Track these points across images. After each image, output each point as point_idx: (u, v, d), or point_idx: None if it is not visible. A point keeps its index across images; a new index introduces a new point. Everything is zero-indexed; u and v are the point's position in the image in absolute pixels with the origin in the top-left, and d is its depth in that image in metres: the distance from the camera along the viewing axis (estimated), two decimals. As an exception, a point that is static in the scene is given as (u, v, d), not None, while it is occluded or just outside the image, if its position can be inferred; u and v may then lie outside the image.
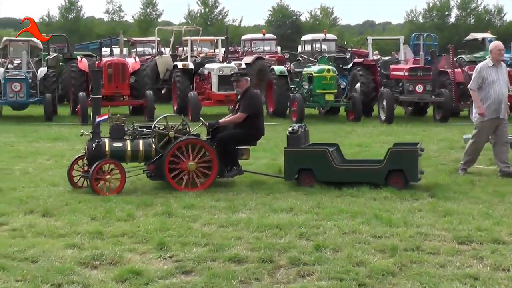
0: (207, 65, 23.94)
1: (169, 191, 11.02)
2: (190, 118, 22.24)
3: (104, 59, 24.07)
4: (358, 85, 24.57)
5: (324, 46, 38.03)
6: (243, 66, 25.10)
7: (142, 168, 11.56)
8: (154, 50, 33.84)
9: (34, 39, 27.69)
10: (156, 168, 11.23)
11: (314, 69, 22.88)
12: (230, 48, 31.65)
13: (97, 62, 24.97)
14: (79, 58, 25.74)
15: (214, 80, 22.80)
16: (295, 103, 22.19)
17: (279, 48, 40.81)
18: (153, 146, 11.23)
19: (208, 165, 11.30)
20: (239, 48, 39.97)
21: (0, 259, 7.54)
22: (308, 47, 38.36)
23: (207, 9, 79.68)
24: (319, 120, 23.13)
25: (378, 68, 24.46)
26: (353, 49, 33.91)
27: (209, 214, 9.53)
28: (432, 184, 11.52)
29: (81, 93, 22.59)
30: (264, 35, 39.39)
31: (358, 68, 24.48)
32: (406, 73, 22.57)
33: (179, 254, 7.64)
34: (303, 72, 23.50)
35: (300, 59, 26.49)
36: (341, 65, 25.22)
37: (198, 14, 79.98)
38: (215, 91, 22.77)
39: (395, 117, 22.15)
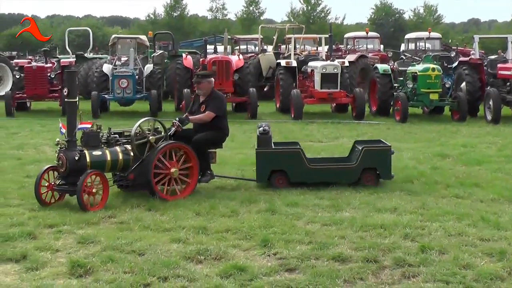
0: (310, 63, 23.89)
1: (272, 189, 11.06)
2: (292, 115, 22.27)
3: (209, 57, 24.35)
4: (463, 84, 24.03)
5: (428, 45, 37.45)
6: (346, 64, 24.91)
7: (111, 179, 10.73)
8: (257, 48, 34.04)
9: (141, 36, 28.37)
10: (137, 177, 10.46)
11: (418, 67, 22.51)
12: (333, 46, 31.49)
13: (201, 59, 25.30)
14: (184, 55, 26.13)
15: (317, 78, 22.72)
16: (399, 102, 21.91)
17: (382, 46, 40.39)
18: (132, 153, 10.40)
19: (186, 172, 10.73)
20: (341, 46, 39.78)
21: (109, 251, 7.76)
22: (411, 46, 37.84)
23: (309, 7, 79.56)
24: (422, 119, 22.75)
25: (484, 67, 23.85)
26: (458, 48, 33.22)
27: (312, 212, 9.53)
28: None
29: (185, 90, 22.91)
30: (367, 33, 39.10)
31: (464, 67, 23.93)
32: (515, 72, 21.90)
33: (283, 251, 7.66)
34: (407, 71, 23.15)
35: (404, 57, 26.15)
36: (446, 64, 24.70)
37: (301, 12, 79.95)
38: (318, 89, 22.69)
39: (502, 118, 21.57)
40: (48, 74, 25.29)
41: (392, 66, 24.89)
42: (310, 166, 11.34)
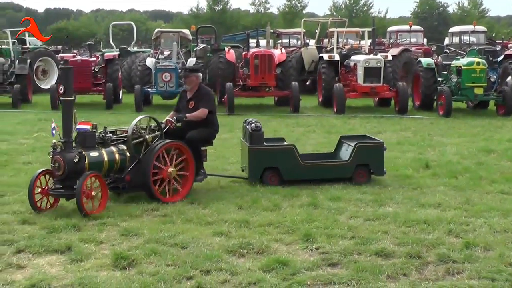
0: (353, 57, 23.76)
1: (314, 183, 11.04)
2: (335, 109, 22.19)
3: (251, 50, 24.35)
4: (509, 78, 23.73)
5: (472, 38, 36.95)
6: (390, 58, 24.72)
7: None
8: (299, 42, 33.95)
9: (184, 30, 28.47)
10: (134, 178, 9.93)
11: (463, 61, 22.24)
12: (375, 40, 31.26)
13: (244, 53, 25.32)
14: (226, 49, 26.18)
15: (360, 72, 22.60)
16: (443, 96, 21.68)
17: (425, 40, 40.00)
18: (128, 153, 9.89)
19: (181, 172, 10.29)
20: (384, 40, 39.50)
21: (152, 243, 7.82)
22: (456, 39, 37.40)
23: (352, 1, 79.27)
24: (467, 114, 22.50)
25: (531, 61, 23.50)
26: (503, 42, 32.75)
27: (355, 207, 9.49)
28: None
29: (228, 84, 22.95)
30: (410, 26, 38.75)
31: (510, 61, 23.65)
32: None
33: (325, 246, 7.64)
34: (451, 65, 22.89)
35: (448, 51, 25.85)
36: (491, 58, 24.38)
37: (343, 6, 79.76)
38: (360, 83, 22.57)
39: (549, 112, 21.22)
40: (92, 68, 25.52)
41: (435, 60, 24.65)
42: (304, 163, 11.15)
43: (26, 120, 20.96)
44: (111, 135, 10.06)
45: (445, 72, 23.28)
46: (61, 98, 9.14)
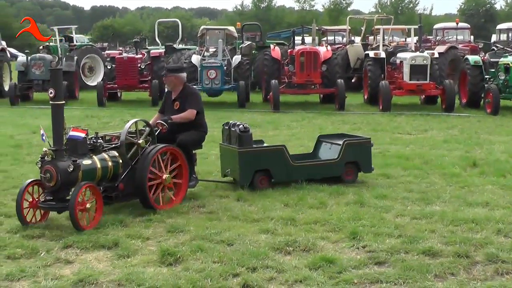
0: (399, 54, 23.57)
1: (361, 182, 10.98)
2: (381, 107, 22.03)
3: (297, 48, 24.30)
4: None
5: (521, 35, 36.39)
6: (436, 55, 24.45)
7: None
8: (344, 39, 33.81)
9: (230, 27, 28.52)
10: (127, 186, 9.24)
11: (511, 59, 21.93)
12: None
13: (289, 50, 25.29)
14: (272, 46, 26.17)
15: (406, 70, 22.39)
16: (490, 94, 21.38)
17: (472, 37, 39.51)
18: (121, 160, 9.21)
19: (175, 179, 9.69)
20: (430, 37, 39.13)
21: (198, 240, 7.85)
22: (503, 37, 36.81)
23: (398, -2, 78.68)
24: (515, 112, 22.18)
25: None
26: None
27: (401, 205, 9.41)
28: None
29: (273, 81, 22.94)
30: (457, 24, 38.31)
31: (560, 58, 23.16)
32: None
33: (372, 244, 7.59)
34: (499, 62, 22.55)
35: (495, 48, 25.49)
36: (540, 55, 23.99)
37: (388, 3, 79.17)
38: (407, 81, 22.37)
39: None
40: (139, 65, 25.76)
41: (483, 58, 24.32)
42: (294, 164, 10.83)
43: (73, 116, 21.17)
44: (102, 141, 9.31)
45: (493, 70, 22.95)
46: (50, 101, 8.53)
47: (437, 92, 22.73)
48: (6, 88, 27.86)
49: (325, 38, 36.33)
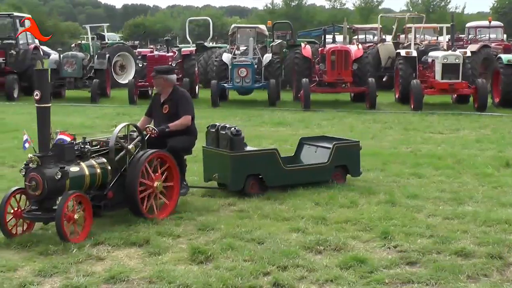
0: (431, 53, 23.41)
1: (392, 180, 10.92)
2: (412, 106, 21.89)
3: (328, 46, 24.24)
4: None
5: (555, 34, 36.01)
6: (468, 54, 24.25)
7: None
8: (375, 38, 33.66)
9: (260, 26, 28.51)
10: (117, 194, 8.62)
11: (544, 58, 21.70)
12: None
13: (320, 49, 25.23)
14: (302, 44, 26.11)
15: (438, 68, 22.23)
16: (524, 93, 21.18)
17: (505, 36, 39.11)
18: (109, 166, 8.55)
19: (166, 183, 9.09)
20: (462, 35, 38.80)
21: (229, 238, 7.84)
22: (537, 35, 36.50)
23: (429, -4, 78.16)
24: (549, 112, 21.93)
25: None
26: None
27: (433, 205, 9.33)
28: None
29: (304, 79, 22.89)
30: (490, 22, 37.95)
31: None
32: None
33: (404, 244, 7.52)
34: (533, 61, 22.33)
35: (529, 47, 25.25)
36: None
37: (420, 1, 78.66)
38: (438, 80, 22.20)
39: None
40: (170, 63, 25.83)
41: (516, 56, 24.06)
42: (286, 168, 10.40)
43: (105, 114, 21.38)
44: (89, 146, 8.59)
45: (527, 69, 22.71)
46: (36, 104, 7.95)
47: (470, 91, 22.53)
48: (39, 85, 28.11)
49: (356, 37, 36.21)
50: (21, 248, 7.63)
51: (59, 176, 7.82)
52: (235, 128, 10.16)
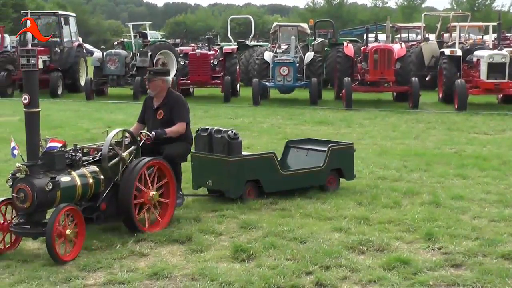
0: (476, 52, 23.10)
1: (436, 181, 10.78)
2: (456, 106, 21.62)
3: (370, 45, 24.07)
4: None
5: None
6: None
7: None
8: (419, 36, 33.35)
9: (302, 24, 28.43)
10: (110, 205, 8.01)
11: None
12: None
13: (362, 47, 25.08)
14: (345, 43, 25.96)
15: (483, 68, 21.91)
16: None
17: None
18: (102, 175, 7.93)
19: (161, 198, 8.46)
20: (509, 34, 38.32)
21: (271, 237, 7.81)
22: None
23: (474, -5, 77.32)
24: None
25: None
26: None
27: (479, 207, 9.18)
28: None
29: (346, 78, 22.75)
30: (536, 21, 37.44)
31: None
32: None
33: (448, 246, 7.41)
34: None
35: None
36: None
37: (464, 0, 77.81)
38: (484, 79, 21.89)
39: None
40: (211, 61, 25.89)
41: None
42: (284, 172, 10.00)
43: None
44: (80, 154, 7.93)
45: None
46: (24, 109, 7.25)
47: (516, 91, 22.17)
48: (82, 83, 28.59)
49: (398, 35, 35.94)
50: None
51: (50, 187, 7.22)
52: (232, 131, 9.67)
